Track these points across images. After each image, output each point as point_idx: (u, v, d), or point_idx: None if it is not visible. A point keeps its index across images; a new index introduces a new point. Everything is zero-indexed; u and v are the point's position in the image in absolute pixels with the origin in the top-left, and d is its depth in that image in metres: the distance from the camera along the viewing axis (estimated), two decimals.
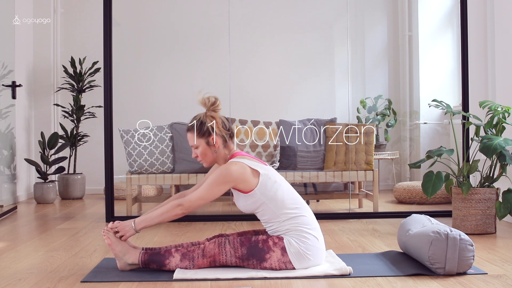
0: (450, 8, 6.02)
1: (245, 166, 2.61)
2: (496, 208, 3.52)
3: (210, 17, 6.13)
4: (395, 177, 6.12)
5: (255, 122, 4.73)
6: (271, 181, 2.63)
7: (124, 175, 4.66)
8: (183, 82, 6.13)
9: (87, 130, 6.13)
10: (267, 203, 2.62)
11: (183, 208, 2.60)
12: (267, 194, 2.61)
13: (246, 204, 2.66)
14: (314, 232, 2.63)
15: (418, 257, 2.68)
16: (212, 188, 2.60)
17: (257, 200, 2.62)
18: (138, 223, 2.64)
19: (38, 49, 6.30)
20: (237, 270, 2.59)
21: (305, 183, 5.15)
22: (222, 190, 2.60)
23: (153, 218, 2.63)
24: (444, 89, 6.00)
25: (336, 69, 6.16)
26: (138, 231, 2.67)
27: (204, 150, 2.71)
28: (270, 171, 2.68)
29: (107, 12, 4.28)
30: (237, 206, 2.74)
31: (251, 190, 2.61)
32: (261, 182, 2.61)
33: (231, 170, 2.59)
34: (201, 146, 2.70)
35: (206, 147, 2.70)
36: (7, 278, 2.60)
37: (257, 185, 2.61)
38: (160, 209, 2.65)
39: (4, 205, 4.77)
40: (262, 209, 2.64)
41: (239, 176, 2.59)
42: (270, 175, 2.65)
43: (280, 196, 2.62)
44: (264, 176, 2.63)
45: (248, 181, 2.61)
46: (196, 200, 2.60)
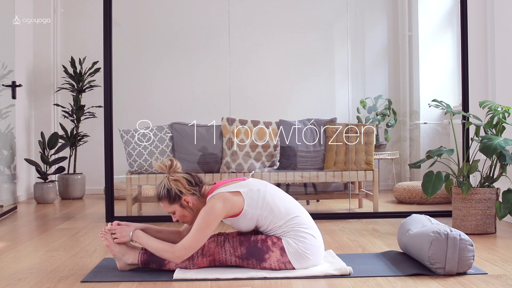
0: (450, 8, 6.02)
1: (223, 194, 2.59)
2: (496, 208, 3.52)
3: (210, 17, 6.13)
4: (395, 177, 6.12)
5: (255, 122, 4.73)
6: (255, 192, 2.62)
7: (124, 175, 4.66)
8: (183, 82, 6.13)
9: (87, 130, 6.13)
10: (262, 213, 2.61)
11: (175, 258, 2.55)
12: (257, 205, 2.60)
13: (246, 224, 2.65)
14: (311, 230, 2.63)
15: (418, 257, 2.68)
16: (203, 231, 2.54)
17: (252, 215, 2.61)
18: (137, 237, 2.64)
19: (38, 49, 6.30)
20: (237, 270, 2.59)
21: (305, 183, 5.16)
22: (213, 228, 2.56)
23: (149, 244, 2.60)
24: (444, 89, 6.00)
25: (336, 69, 6.16)
26: (132, 242, 2.69)
27: (181, 212, 2.67)
28: (250, 184, 2.66)
29: (107, 12, 4.28)
30: (239, 230, 2.72)
31: (241, 209, 2.60)
32: (246, 198, 2.60)
33: (214, 206, 2.55)
34: (177, 211, 2.66)
35: (181, 210, 2.66)
36: (7, 278, 2.60)
37: (244, 203, 2.60)
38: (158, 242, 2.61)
39: (4, 205, 4.77)
40: (261, 221, 2.63)
41: (223, 207, 2.56)
42: (251, 187, 2.64)
43: (270, 201, 2.62)
44: (246, 191, 2.61)
45: (235, 205, 2.59)
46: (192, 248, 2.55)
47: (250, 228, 2.68)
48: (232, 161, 4.63)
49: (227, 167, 4.62)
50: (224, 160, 4.64)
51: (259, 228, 2.69)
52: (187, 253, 2.55)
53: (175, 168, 2.68)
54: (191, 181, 2.67)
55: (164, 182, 2.67)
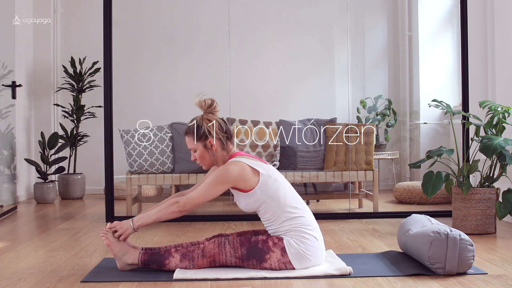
0: (450, 8, 6.02)
1: (244, 165, 2.61)
2: (496, 208, 3.52)
3: (210, 17, 6.13)
4: (395, 177, 6.12)
5: (255, 122, 4.73)
6: (271, 180, 2.63)
7: (124, 175, 4.66)
8: (183, 82, 6.13)
9: (87, 130, 6.13)
10: (268, 201, 2.62)
11: (180, 206, 2.60)
12: (268, 192, 2.61)
13: (248, 203, 2.66)
14: (314, 232, 2.63)
15: (418, 257, 2.68)
16: (210, 187, 2.60)
17: (258, 199, 2.62)
18: (136, 220, 2.65)
19: (38, 49, 6.30)
20: (237, 270, 2.59)
21: (305, 183, 5.16)
22: (221, 190, 2.60)
23: (150, 215, 2.63)
24: (444, 89, 6.00)
25: (336, 69, 6.16)
26: (136, 230, 2.66)
27: (202, 153, 2.70)
28: (270, 170, 2.68)
29: (107, 12, 4.28)
30: (238, 206, 2.73)
31: (252, 188, 2.61)
32: (261, 181, 2.61)
33: (230, 170, 2.59)
34: (199, 149, 2.70)
35: (203, 150, 2.69)
36: (7, 278, 2.60)
37: (258, 183, 2.61)
38: (157, 207, 2.66)
39: (4, 205, 4.77)
40: (264, 207, 2.63)
41: (238, 176, 2.59)
42: (270, 173, 2.65)
43: (282, 194, 2.63)
44: (265, 175, 2.63)
45: (248, 180, 2.60)
46: (194, 199, 2.60)
47: (250, 210, 2.68)
48: None
49: None
50: None
51: (261, 215, 2.68)
52: (188, 202, 2.59)
53: (212, 110, 2.71)
54: (222, 127, 2.71)
55: (197, 118, 2.70)
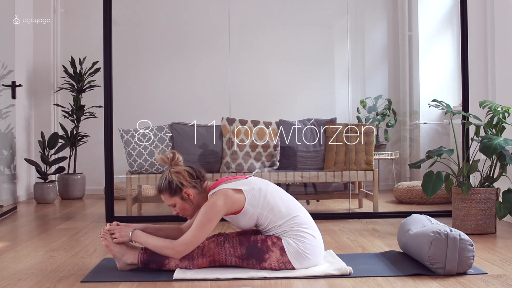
0: (450, 8, 6.02)
1: (225, 191, 2.60)
2: (496, 208, 3.52)
3: (210, 17, 6.13)
4: (395, 177, 6.12)
5: (255, 122, 4.73)
6: (256, 191, 2.63)
7: (124, 175, 4.66)
8: (183, 82, 6.13)
9: (87, 130, 6.13)
10: (262, 212, 2.62)
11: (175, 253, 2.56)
12: (258, 204, 2.61)
13: (246, 222, 2.66)
14: (311, 230, 2.63)
15: (418, 257, 2.68)
16: (204, 227, 2.55)
17: (253, 214, 2.62)
18: (136, 236, 2.65)
19: (38, 49, 6.30)
20: (237, 270, 2.59)
21: (305, 183, 5.16)
22: (214, 224, 2.57)
23: (148, 242, 2.62)
24: (444, 89, 6.00)
25: (336, 69, 6.16)
26: (131, 242, 2.68)
27: (182, 205, 2.68)
28: (252, 182, 2.67)
29: (107, 12, 4.28)
30: (239, 227, 2.73)
31: (242, 207, 2.61)
32: (247, 197, 2.61)
33: (215, 202, 2.57)
34: (177, 203, 2.68)
35: (182, 202, 2.68)
36: (7, 278, 2.60)
37: (245, 200, 2.60)
38: (158, 239, 2.62)
39: (4, 205, 4.77)
40: (261, 219, 2.64)
41: (224, 203, 2.57)
42: (253, 185, 2.65)
43: (271, 201, 2.63)
44: (248, 190, 2.62)
45: (236, 201, 2.60)
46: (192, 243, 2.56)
47: (250, 226, 2.69)
48: (232, 161, 4.63)
49: (227, 167, 4.62)
50: (224, 160, 4.64)
51: (258, 227, 2.70)
52: (187, 249, 2.56)
53: (176, 161, 2.71)
54: (192, 174, 2.69)
55: (165, 174, 2.69)
